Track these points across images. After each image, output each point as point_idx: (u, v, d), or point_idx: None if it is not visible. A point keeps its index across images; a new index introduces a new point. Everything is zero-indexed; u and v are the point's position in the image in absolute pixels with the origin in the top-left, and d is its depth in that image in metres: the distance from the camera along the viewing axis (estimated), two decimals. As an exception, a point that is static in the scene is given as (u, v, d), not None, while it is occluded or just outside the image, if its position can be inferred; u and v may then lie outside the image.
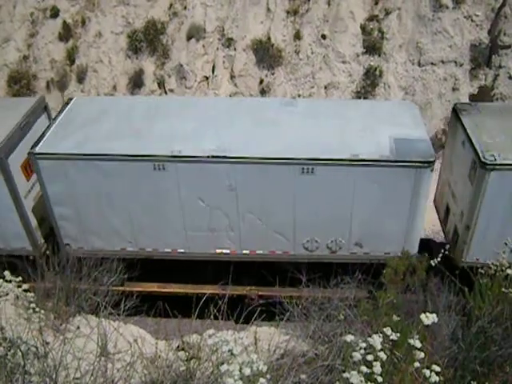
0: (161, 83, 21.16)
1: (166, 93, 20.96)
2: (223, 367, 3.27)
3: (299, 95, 20.05)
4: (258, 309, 6.64)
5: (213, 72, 20.84)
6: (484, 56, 19.39)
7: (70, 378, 4.52)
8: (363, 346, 3.72)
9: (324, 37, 20.20)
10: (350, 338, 3.90)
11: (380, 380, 3.66)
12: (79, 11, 21.73)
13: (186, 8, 21.15)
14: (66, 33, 21.50)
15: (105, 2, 21.50)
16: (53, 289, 6.58)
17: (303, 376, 4.58)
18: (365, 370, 3.56)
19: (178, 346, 5.50)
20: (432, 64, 19.64)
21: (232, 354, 3.37)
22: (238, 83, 20.56)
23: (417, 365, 3.94)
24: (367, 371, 3.60)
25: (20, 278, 5.75)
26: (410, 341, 4.01)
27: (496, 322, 5.67)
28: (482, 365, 5.21)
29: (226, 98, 18.92)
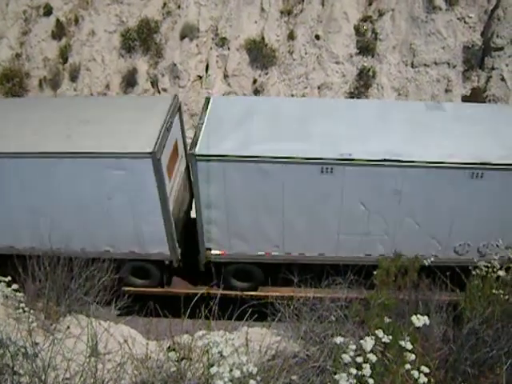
0: (154, 82, 21.11)
1: (159, 92, 20.92)
2: (213, 369, 3.25)
3: (292, 95, 20.05)
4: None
5: (206, 71, 20.81)
6: (477, 58, 19.46)
7: (60, 378, 4.49)
8: (353, 348, 3.71)
9: (318, 37, 20.21)
10: (339, 339, 3.89)
11: (371, 382, 3.66)
12: (72, 9, 21.63)
13: (179, 7, 21.10)
14: (59, 31, 21.40)
15: (98, 0, 21.42)
16: (43, 288, 6.54)
17: (294, 377, 4.57)
18: (354, 372, 3.55)
19: (169, 347, 5.46)
20: (425, 65, 19.69)
21: (222, 355, 3.35)
22: (231, 83, 20.54)
23: (408, 366, 3.94)
24: (357, 373, 3.60)
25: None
26: (401, 342, 4.01)
27: (487, 323, 5.69)
28: (472, 366, 5.22)
29: (369, 101, 18.53)
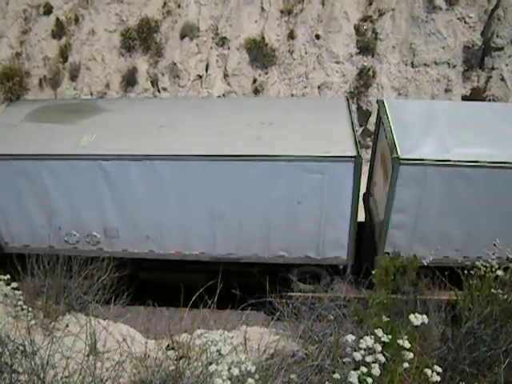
0: (154, 82, 21.11)
1: (159, 91, 20.91)
2: (211, 367, 3.26)
3: (292, 95, 20.05)
4: None
5: (206, 71, 20.80)
6: (477, 58, 19.46)
7: (58, 377, 4.49)
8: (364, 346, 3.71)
9: (318, 37, 20.21)
10: (350, 338, 3.89)
11: (369, 381, 3.66)
12: (72, 8, 21.63)
13: (179, 6, 21.10)
14: (59, 30, 21.40)
15: (98, -1, 21.44)
16: (42, 287, 6.54)
17: (293, 376, 4.58)
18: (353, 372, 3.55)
19: (168, 345, 5.47)
20: (425, 65, 19.68)
21: (220, 354, 3.35)
22: (231, 82, 20.54)
23: (406, 365, 3.95)
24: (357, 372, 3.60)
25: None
26: (400, 341, 4.01)
27: (485, 322, 5.69)
28: (471, 365, 5.23)
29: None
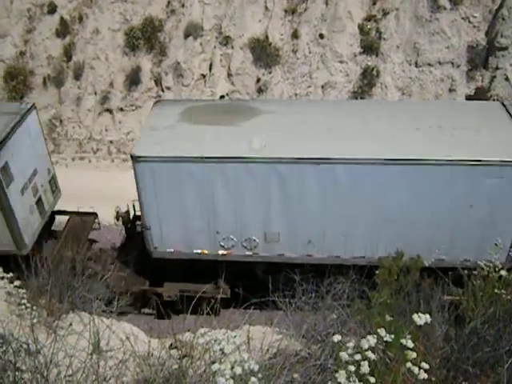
0: (158, 81, 21.14)
1: (162, 91, 20.94)
2: (214, 366, 3.26)
3: (296, 94, 20.05)
4: None
5: (210, 70, 20.82)
6: (481, 57, 19.43)
7: (62, 375, 4.50)
8: (351, 345, 3.71)
9: (322, 36, 20.20)
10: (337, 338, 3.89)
11: (372, 380, 3.66)
12: (77, 7, 21.68)
13: (183, 6, 21.12)
14: (64, 29, 21.46)
15: (102, -2, 21.48)
16: (46, 285, 6.54)
17: (296, 375, 4.58)
18: (353, 369, 3.55)
19: (171, 344, 5.47)
20: (429, 65, 19.66)
21: (223, 352, 3.36)
22: (235, 82, 20.55)
23: (409, 365, 3.94)
24: (358, 371, 3.60)
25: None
26: (402, 341, 4.01)
27: (489, 323, 5.68)
28: (474, 365, 5.21)
29: None
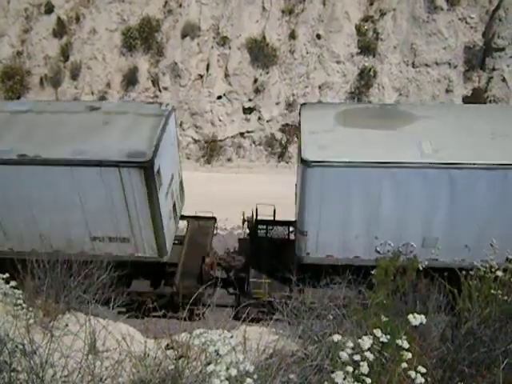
0: (155, 81, 21.12)
1: (159, 91, 20.92)
2: (209, 367, 3.25)
3: (293, 95, 20.06)
4: None
5: (207, 70, 20.81)
6: (478, 58, 19.46)
7: (58, 375, 4.49)
8: (350, 345, 3.71)
9: (319, 37, 20.21)
10: (337, 337, 3.89)
11: (368, 381, 3.65)
12: (74, 7, 21.65)
13: (181, 6, 21.11)
14: (61, 29, 21.42)
15: (99, -2, 21.45)
16: (42, 286, 6.53)
17: (292, 376, 4.57)
18: (351, 369, 3.55)
19: (167, 345, 5.46)
20: (426, 65, 19.68)
21: (218, 354, 3.34)
22: (232, 82, 20.54)
23: (404, 365, 3.94)
24: (356, 372, 3.60)
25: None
26: (398, 341, 4.01)
27: (485, 323, 5.68)
28: (470, 366, 5.21)
29: None
